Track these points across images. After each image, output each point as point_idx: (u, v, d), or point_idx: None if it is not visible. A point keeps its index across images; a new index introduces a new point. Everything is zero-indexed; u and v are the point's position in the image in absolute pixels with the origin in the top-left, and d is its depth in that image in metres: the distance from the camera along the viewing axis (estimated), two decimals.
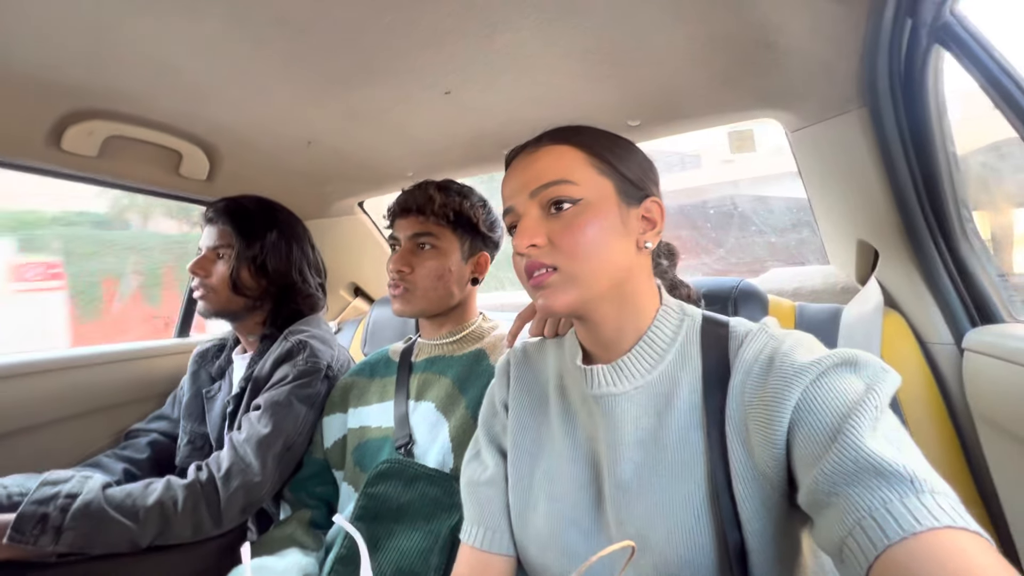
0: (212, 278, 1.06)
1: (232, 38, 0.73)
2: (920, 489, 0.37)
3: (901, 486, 0.37)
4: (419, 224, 0.94)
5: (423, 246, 0.94)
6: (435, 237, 0.94)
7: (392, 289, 0.94)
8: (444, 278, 0.93)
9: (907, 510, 0.36)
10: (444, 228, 0.94)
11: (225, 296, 1.05)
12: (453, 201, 0.94)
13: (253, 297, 1.07)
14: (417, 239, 0.94)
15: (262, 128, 1.03)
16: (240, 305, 1.07)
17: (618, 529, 0.54)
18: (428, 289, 0.93)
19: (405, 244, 0.95)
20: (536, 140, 0.61)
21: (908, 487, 0.37)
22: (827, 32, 0.71)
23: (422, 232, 0.94)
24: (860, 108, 0.81)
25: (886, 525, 0.36)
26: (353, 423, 0.98)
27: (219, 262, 1.06)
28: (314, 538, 0.92)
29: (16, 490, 0.87)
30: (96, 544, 0.76)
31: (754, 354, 0.52)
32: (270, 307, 1.11)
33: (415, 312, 0.94)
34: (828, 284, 1.14)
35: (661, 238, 0.62)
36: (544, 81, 0.87)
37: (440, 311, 0.96)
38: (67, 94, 0.86)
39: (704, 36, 0.75)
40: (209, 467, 0.89)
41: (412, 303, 0.93)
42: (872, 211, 0.90)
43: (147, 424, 1.21)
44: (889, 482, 0.38)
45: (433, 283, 0.92)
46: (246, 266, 1.06)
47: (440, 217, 0.93)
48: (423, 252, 0.94)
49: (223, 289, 1.05)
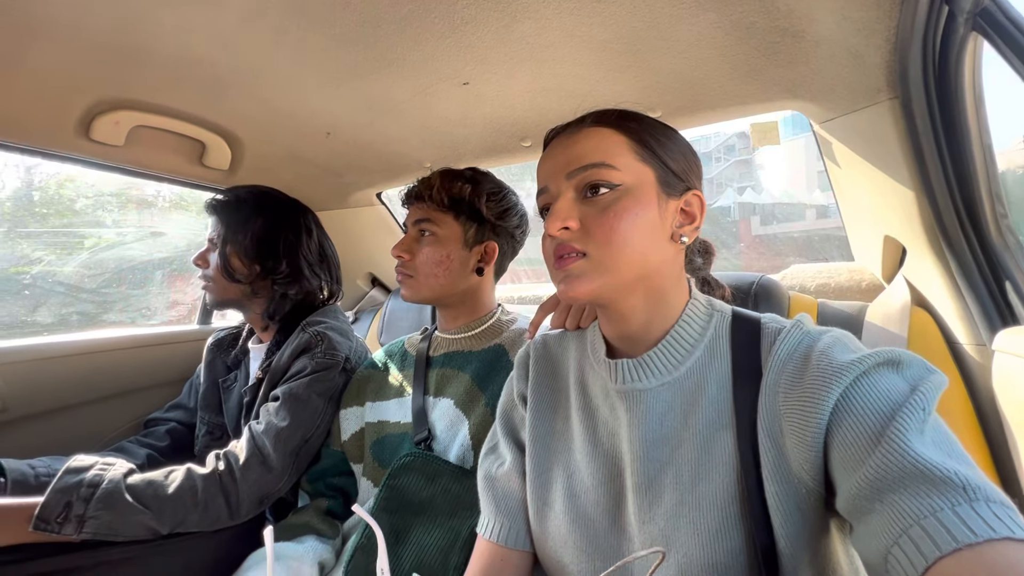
0: (210, 268, 1.08)
1: (253, 29, 0.73)
2: (974, 497, 0.34)
3: (952, 494, 0.35)
4: (421, 211, 0.94)
5: (424, 232, 0.94)
6: (434, 223, 0.93)
7: (398, 276, 0.95)
8: (443, 264, 0.92)
9: (960, 519, 0.34)
10: (444, 214, 0.93)
11: (222, 284, 1.07)
12: (453, 187, 0.93)
13: (247, 283, 1.08)
14: (419, 225, 0.94)
15: (282, 119, 1.04)
16: (238, 292, 1.08)
17: (640, 528, 0.53)
18: (428, 276, 0.92)
19: (409, 231, 0.96)
20: (579, 121, 0.59)
21: (960, 495, 0.35)
22: (858, 20, 0.68)
23: (423, 218, 0.94)
24: (891, 99, 0.78)
25: (937, 535, 0.34)
26: (371, 417, 0.98)
27: (214, 252, 1.09)
28: (331, 526, 0.93)
29: (43, 471, 0.90)
30: (117, 532, 0.78)
31: (788, 351, 0.50)
32: (267, 294, 1.11)
33: (418, 298, 0.94)
34: (853, 281, 1.11)
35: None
36: (563, 71, 0.86)
37: (444, 299, 0.95)
38: (95, 85, 0.88)
39: (729, 25, 0.73)
40: (228, 457, 0.91)
41: (414, 289, 0.94)
42: (901, 206, 0.87)
43: (165, 413, 1.24)
44: (939, 489, 0.35)
45: (432, 269, 0.92)
46: (235, 253, 1.07)
47: (437, 203, 0.93)
48: (423, 239, 0.94)
49: (219, 277, 1.07)
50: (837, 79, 0.82)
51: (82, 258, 2.08)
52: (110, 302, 2.04)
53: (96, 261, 2.09)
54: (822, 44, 0.75)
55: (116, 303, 2.05)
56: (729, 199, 3.80)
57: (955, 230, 0.80)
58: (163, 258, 2.19)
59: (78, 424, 1.27)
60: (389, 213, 1.70)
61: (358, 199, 1.59)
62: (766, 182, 8.37)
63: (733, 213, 5.57)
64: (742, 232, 5.22)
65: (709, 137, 8.84)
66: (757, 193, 6.94)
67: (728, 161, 8.55)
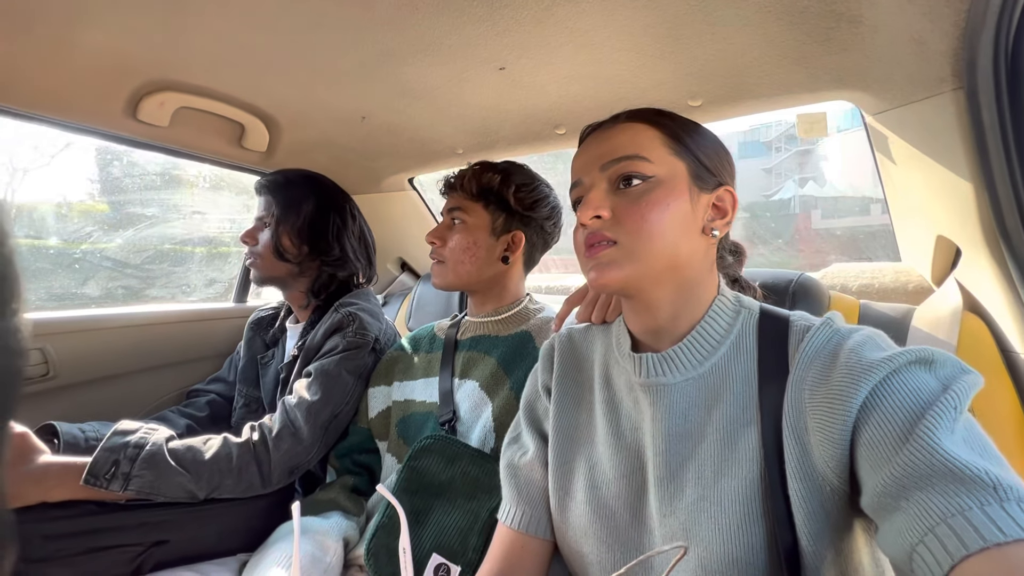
0: (259, 246, 1.12)
1: (292, 11, 0.73)
2: (1004, 497, 0.33)
3: (982, 493, 0.34)
4: (454, 199, 0.99)
5: (455, 220, 0.97)
6: (464, 212, 0.96)
7: (432, 262, 0.99)
8: (470, 251, 0.95)
9: (989, 519, 0.33)
10: (474, 204, 0.97)
11: (270, 262, 1.11)
12: (483, 177, 0.96)
13: (296, 263, 1.12)
14: (452, 214, 0.98)
15: (319, 102, 1.05)
16: (285, 271, 1.12)
17: (661, 522, 0.53)
18: (456, 263, 0.95)
19: (443, 219, 1.00)
20: (613, 118, 0.60)
21: (990, 494, 0.34)
22: (924, 4, 0.64)
23: (455, 207, 0.98)
24: (956, 90, 0.73)
25: (964, 534, 0.33)
26: (398, 396, 1.01)
27: (265, 231, 1.12)
28: (355, 503, 0.96)
29: (92, 435, 0.95)
30: (159, 491, 0.82)
31: (816, 348, 0.49)
32: (313, 274, 1.15)
33: (447, 284, 0.98)
34: (899, 282, 1.06)
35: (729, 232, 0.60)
36: (601, 57, 0.84)
37: (472, 285, 0.98)
38: (140, 66, 0.90)
39: (780, 9, 0.69)
40: (262, 428, 0.94)
41: (443, 276, 0.97)
42: (959, 205, 0.82)
43: (206, 385, 1.30)
44: (968, 488, 0.34)
45: (460, 256, 0.95)
46: (287, 233, 1.11)
47: (467, 192, 0.97)
48: (455, 227, 0.97)
49: (268, 255, 1.11)
50: (896, 67, 0.77)
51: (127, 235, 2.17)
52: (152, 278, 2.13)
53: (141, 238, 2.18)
54: (881, 30, 0.70)
55: (158, 279, 2.14)
56: (790, 191, 3.61)
57: (1017, 231, 0.75)
58: (202, 236, 2.27)
59: (123, 393, 1.34)
60: (421, 199, 1.71)
61: (390, 184, 1.60)
62: (829, 174, 7.91)
63: (793, 206, 5.28)
64: (801, 225, 5.01)
65: (770, 125, 8.27)
66: (820, 185, 6.58)
67: (789, 151, 8.07)
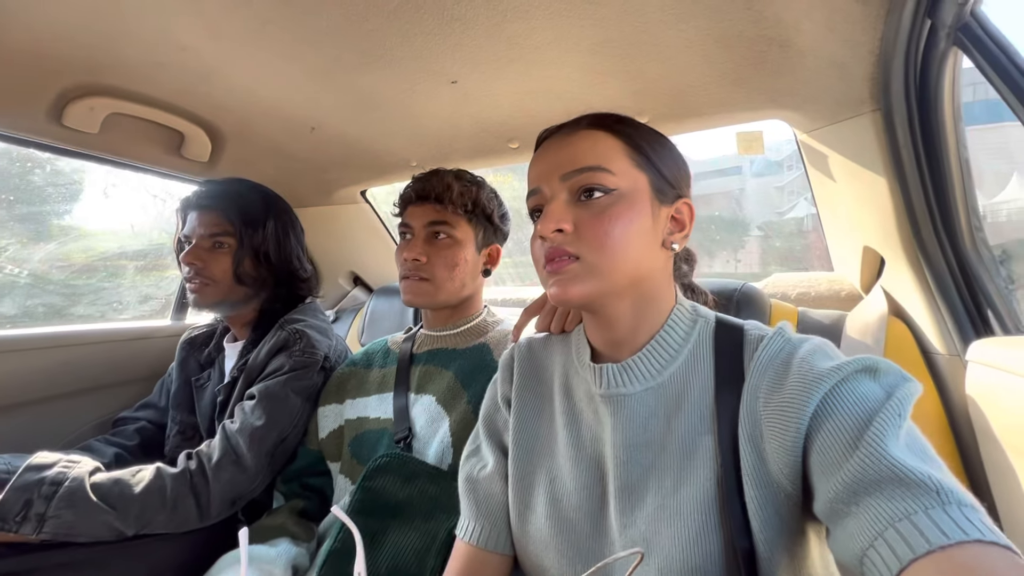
0: (212, 269, 1.01)
1: (237, 16, 0.71)
2: (946, 501, 0.35)
3: (926, 497, 0.36)
4: (435, 212, 0.92)
5: (438, 235, 0.92)
6: (451, 226, 0.91)
7: (405, 279, 0.92)
8: (459, 267, 0.91)
9: (933, 522, 0.34)
10: (460, 218, 0.92)
11: (227, 287, 1.02)
12: (470, 191, 0.92)
13: (255, 287, 1.05)
14: (433, 228, 0.92)
15: (266, 111, 1.02)
16: (241, 295, 1.04)
17: (622, 532, 0.53)
18: (444, 280, 0.90)
19: (420, 233, 0.93)
20: (574, 122, 0.58)
21: (934, 499, 0.36)
22: (843, 32, 0.70)
23: (439, 221, 0.92)
24: (873, 111, 0.80)
25: (912, 538, 0.34)
26: (350, 414, 0.97)
27: (218, 252, 1.02)
28: (305, 529, 0.90)
29: (3, 468, 0.86)
30: (79, 532, 0.75)
31: (770, 358, 0.51)
32: (267, 295, 1.09)
33: (429, 303, 0.92)
34: (832, 290, 1.13)
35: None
36: (552, 74, 0.86)
37: (453, 302, 0.95)
38: (67, 69, 0.85)
39: (717, 32, 0.73)
40: (200, 456, 0.88)
41: (427, 294, 0.91)
42: (881, 217, 0.88)
43: (134, 412, 1.20)
44: (913, 493, 0.36)
45: (448, 273, 0.91)
46: (249, 256, 1.03)
47: (458, 207, 0.91)
48: (438, 241, 0.92)
49: (225, 280, 1.01)
50: (822, 90, 0.83)
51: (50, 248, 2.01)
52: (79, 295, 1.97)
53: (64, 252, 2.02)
54: (808, 55, 0.76)
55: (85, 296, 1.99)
56: (802, 210, 3.68)
57: (932, 242, 0.82)
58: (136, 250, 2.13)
59: (42, 421, 1.22)
60: (374, 212, 1.68)
61: (342, 196, 1.56)
62: None
63: (806, 224, 5.44)
64: (815, 244, 5.22)
65: (781, 144, 8.40)
66: None
67: (800, 170, 8.36)
